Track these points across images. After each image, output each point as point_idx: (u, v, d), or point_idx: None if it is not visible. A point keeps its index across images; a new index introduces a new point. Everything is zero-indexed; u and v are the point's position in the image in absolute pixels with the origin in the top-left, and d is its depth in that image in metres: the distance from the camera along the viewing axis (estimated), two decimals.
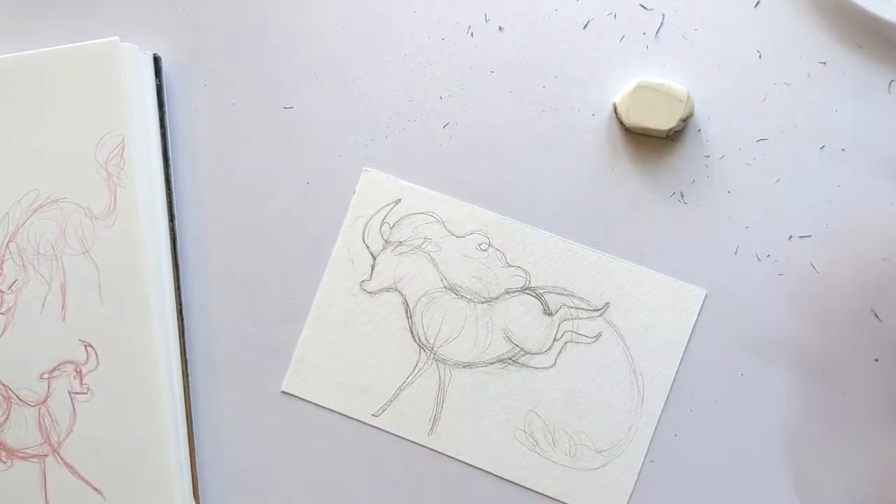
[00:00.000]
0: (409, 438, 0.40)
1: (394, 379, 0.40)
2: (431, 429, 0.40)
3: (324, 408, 0.40)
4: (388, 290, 0.40)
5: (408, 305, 0.40)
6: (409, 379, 0.40)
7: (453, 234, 0.40)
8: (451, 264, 0.40)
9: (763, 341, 0.39)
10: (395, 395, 0.40)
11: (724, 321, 0.39)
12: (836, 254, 0.39)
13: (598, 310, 0.40)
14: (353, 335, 0.40)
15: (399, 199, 0.41)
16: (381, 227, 0.41)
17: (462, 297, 0.40)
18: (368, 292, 0.40)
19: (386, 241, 0.40)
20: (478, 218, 0.40)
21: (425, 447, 0.40)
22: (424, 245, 0.40)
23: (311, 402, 0.40)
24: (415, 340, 0.40)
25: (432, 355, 0.40)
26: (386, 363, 0.40)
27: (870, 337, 0.38)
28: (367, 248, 0.40)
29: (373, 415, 0.40)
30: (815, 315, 0.39)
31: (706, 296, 0.39)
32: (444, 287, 0.40)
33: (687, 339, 0.39)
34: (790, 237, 0.39)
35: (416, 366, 0.40)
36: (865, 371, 0.38)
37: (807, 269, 0.39)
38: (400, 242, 0.40)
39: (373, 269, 0.40)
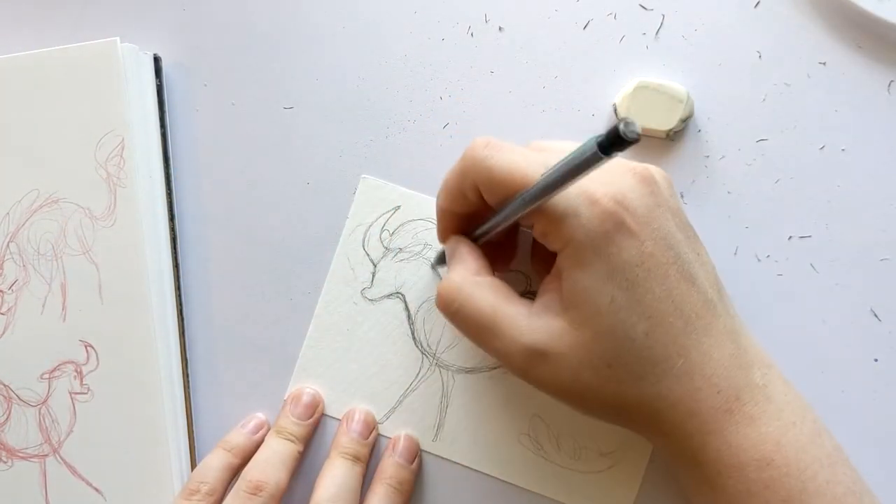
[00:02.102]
0: None
1: (397, 386, 0.40)
2: (436, 435, 0.39)
3: (327, 416, 0.40)
4: (389, 297, 0.40)
5: (409, 312, 0.40)
6: (413, 385, 0.40)
7: None
8: None
9: (763, 341, 0.39)
10: (399, 402, 0.40)
11: None
12: (836, 254, 0.39)
13: None
14: (355, 343, 0.40)
15: (398, 206, 0.41)
16: (381, 235, 0.40)
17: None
18: (370, 300, 0.40)
19: (386, 248, 0.40)
20: None
21: (430, 453, 0.40)
22: (425, 251, 0.40)
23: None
24: (417, 347, 0.40)
25: (435, 361, 0.40)
26: (388, 370, 0.40)
27: (870, 337, 0.38)
28: (368, 255, 0.40)
29: (377, 422, 0.40)
30: (815, 315, 0.39)
31: None
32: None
33: None
34: (790, 237, 0.39)
35: (419, 372, 0.40)
36: (865, 371, 0.38)
37: (807, 269, 0.39)
38: (400, 249, 0.40)
39: (373, 276, 0.40)
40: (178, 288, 0.41)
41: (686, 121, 0.39)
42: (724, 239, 0.39)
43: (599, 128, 0.40)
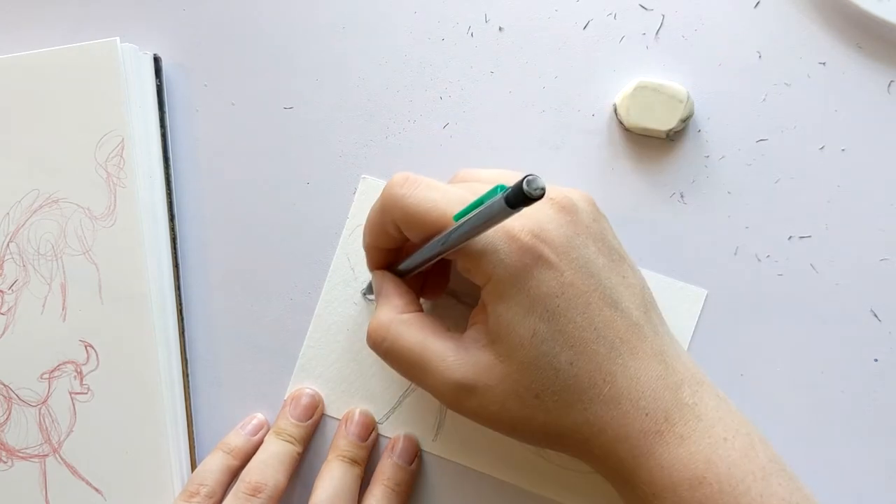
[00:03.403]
0: None
1: (397, 386, 0.40)
2: (436, 435, 0.39)
3: (327, 416, 0.40)
4: None
5: None
6: (413, 385, 0.40)
7: None
8: (451, 271, 0.40)
9: (763, 341, 0.39)
10: (399, 402, 0.40)
11: (724, 321, 0.39)
12: (836, 254, 0.39)
13: None
14: (355, 343, 0.40)
15: None
16: None
17: (462, 302, 0.40)
18: (370, 300, 0.40)
19: None
20: None
21: (430, 453, 0.40)
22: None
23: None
24: None
25: None
26: (389, 370, 0.40)
27: (870, 337, 0.38)
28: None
29: (377, 423, 0.40)
30: (815, 315, 0.39)
31: (707, 295, 0.39)
32: (445, 293, 0.40)
33: (689, 339, 0.39)
34: (790, 237, 0.39)
35: None
36: (865, 371, 0.38)
37: (807, 269, 0.39)
38: None
39: None
40: (178, 288, 0.41)
41: (686, 121, 0.39)
42: (724, 239, 0.39)
43: (600, 128, 0.40)
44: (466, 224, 0.29)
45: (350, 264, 0.41)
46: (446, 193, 0.31)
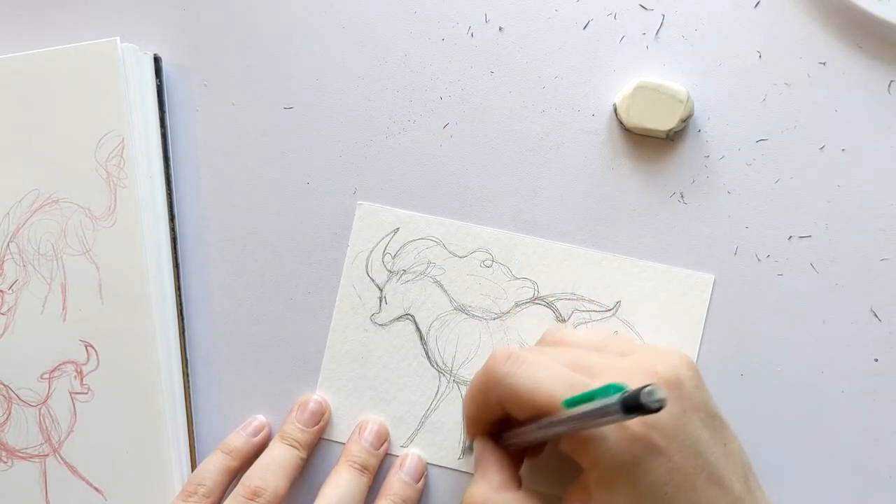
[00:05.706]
0: (441, 464, 0.39)
1: (418, 407, 0.40)
2: (462, 453, 0.39)
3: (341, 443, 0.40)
4: (399, 319, 0.40)
5: (420, 332, 0.40)
6: (433, 405, 0.40)
7: (455, 255, 0.40)
8: (457, 285, 0.40)
9: (763, 342, 0.39)
10: (421, 424, 0.40)
11: (724, 321, 0.39)
12: (836, 254, 0.39)
13: (609, 309, 0.39)
14: (370, 370, 0.40)
15: (397, 228, 0.40)
16: (383, 258, 0.40)
17: (473, 315, 0.40)
18: (380, 325, 0.40)
19: (390, 272, 0.40)
20: (477, 235, 0.40)
21: (458, 471, 0.39)
22: (428, 270, 0.40)
23: (337, 442, 0.40)
24: (433, 366, 0.40)
25: (452, 378, 0.40)
26: (407, 393, 0.40)
27: (870, 337, 0.38)
28: (373, 280, 0.40)
29: (401, 446, 0.40)
30: (815, 315, 0.39)
31: (715, 280, 0.39)
32: (454, 308, 0.40)
33: (703, 324, 0.39)
34: (790, 237, 0.39)
35: (438, 391, 0.40)
36: (865, 371, 0.38)
37: (807, 269, 0.39)
38: (404, 271, 0.40)
39: (381, 301, 0.40)
40: (178, 288, 0.41)
41: (686, 121, 0.39)
42: (724, 239, 0.39)
43: (600, 128, 0.40)
44: (577, 418, 0.28)
45: (356, 292, 0.40)
46: (552, 373, 0.31)
